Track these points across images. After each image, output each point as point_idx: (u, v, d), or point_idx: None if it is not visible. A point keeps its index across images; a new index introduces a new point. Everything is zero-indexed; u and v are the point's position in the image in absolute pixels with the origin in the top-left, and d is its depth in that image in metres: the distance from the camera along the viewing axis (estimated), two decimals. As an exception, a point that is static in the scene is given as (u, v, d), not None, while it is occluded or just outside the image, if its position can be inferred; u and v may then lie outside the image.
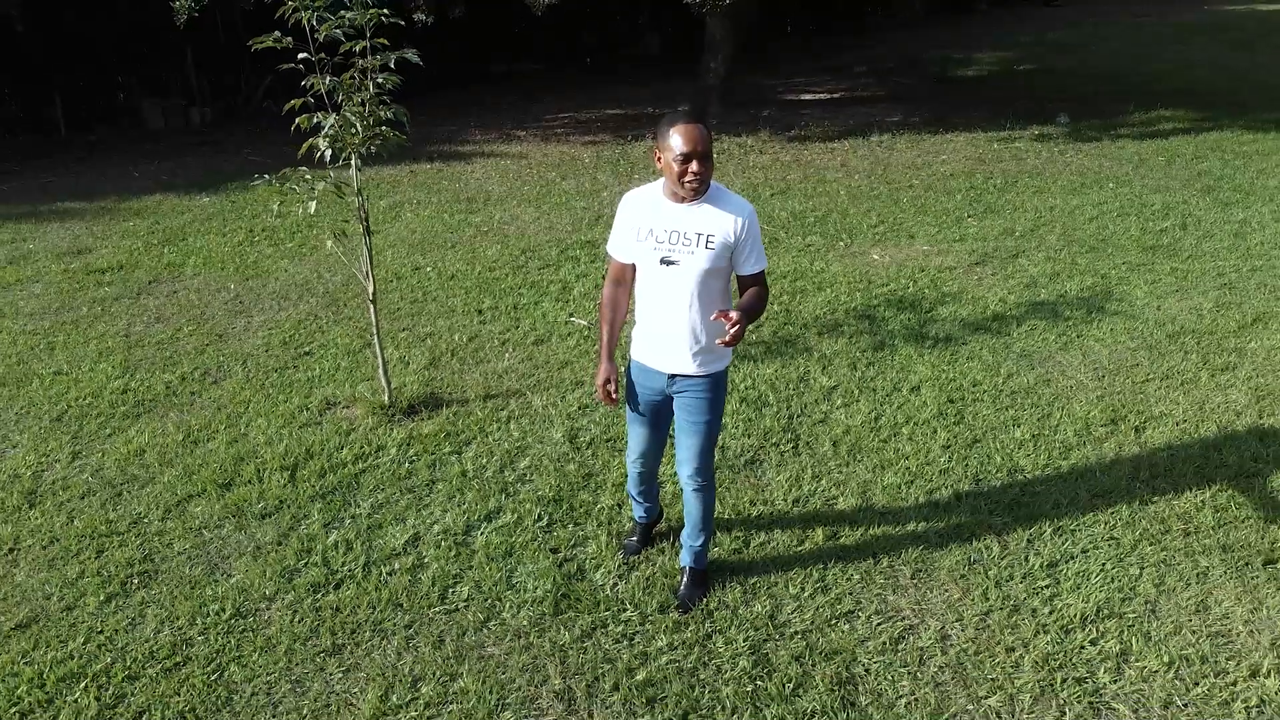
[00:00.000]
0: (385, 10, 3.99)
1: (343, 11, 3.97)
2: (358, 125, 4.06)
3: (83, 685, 2.92)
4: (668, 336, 2.87)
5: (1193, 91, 12.89)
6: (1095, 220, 7.34)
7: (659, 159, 2.75)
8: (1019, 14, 23.61)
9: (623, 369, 3.12)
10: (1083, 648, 2.95)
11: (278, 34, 3.95)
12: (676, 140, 2.65)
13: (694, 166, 2.66)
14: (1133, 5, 23.71)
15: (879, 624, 3.08)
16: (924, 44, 19.33)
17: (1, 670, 2.99)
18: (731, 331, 2.51)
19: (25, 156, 11.37)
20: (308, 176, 4.22)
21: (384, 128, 4.16)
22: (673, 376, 2.93)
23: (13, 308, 6.15)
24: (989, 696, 2.78)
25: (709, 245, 2.75)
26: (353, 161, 4.22)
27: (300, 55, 3.99)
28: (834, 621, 3.10)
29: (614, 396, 3.02)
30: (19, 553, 3.62)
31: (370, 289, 4.50)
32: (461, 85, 13.80)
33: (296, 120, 4.10)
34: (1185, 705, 2.73)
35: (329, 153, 4.12)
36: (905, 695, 2.79)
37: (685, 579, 3.25)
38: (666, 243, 2.77)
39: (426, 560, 3.47)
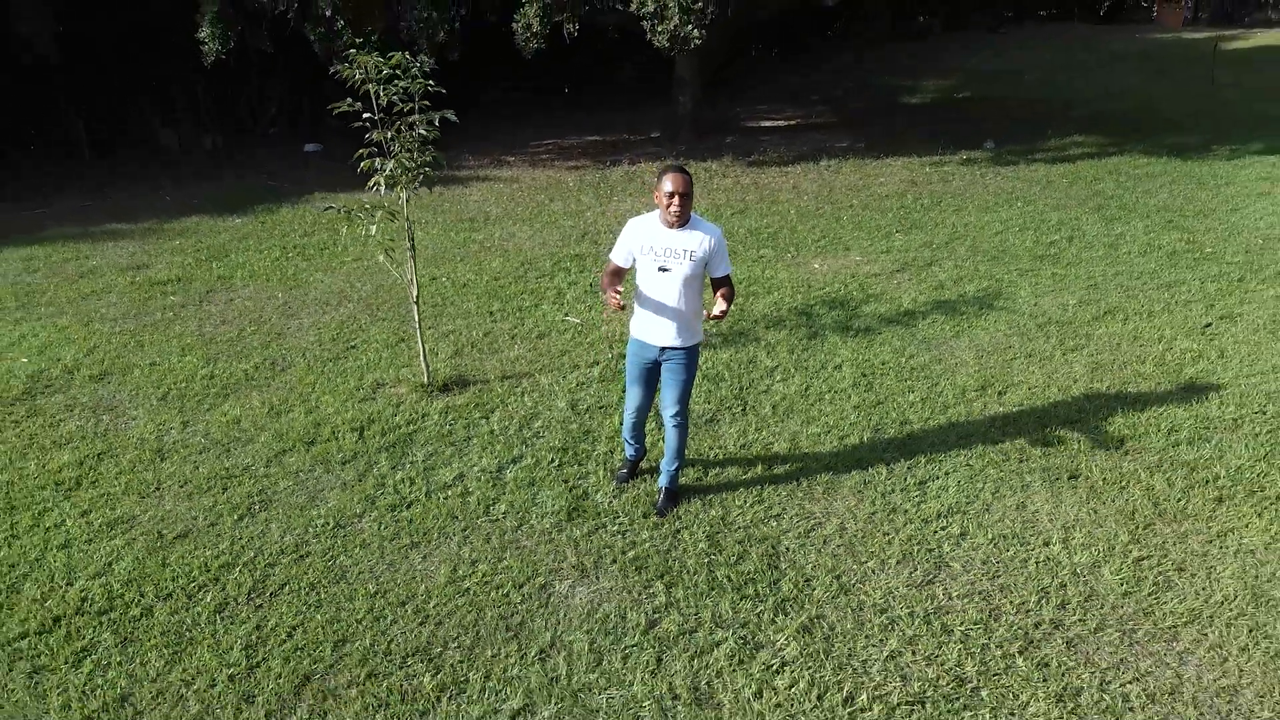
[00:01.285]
0: (430, 81, 5.28)
1: (397, 81, 5.26)
2: (407, 166, 5.34)
3: (237, 569, 4.15)
4: (661, 320, 4.17)
5: (1106, 118, 14.49)
6: (1000, 234, 8.78)
7: (657, 195, 4.05)
8: (967, 41, 25.24)
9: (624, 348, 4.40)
10: (935, 532, 4.29)
11: (350, 100, 5.21)
12: (666, 183, 3.98)
13: (676, 202, 3.98)
14: (1070, 33, 25.49)
15: (797, 521, 4.40)
16: (877, 71, 20.89)
17: (176, 561, 4.21)
18: (719, 313, 3.90)
19: (57, 181, 12.47)
20: (367, 206, 5.49)
21: (426, 168, 5.45)
22: (664, 348, 4.23)
23: (98, 314, 7.33)
24: (868, 561, 4.10)
25: (691, 258, 4.06)
26: (403, 196, 5.49)
27: (365, 115, 5.27)
28: (766, 520, 4.41)
29: (620, 301, 3.98)
30: (162, 490, 4.83)
31: (414, 292, 5.77)
32: (457, 115, 15.04)
33: (361, 165, 5.37)
34: (997, 563, 4.07)
35: (383, 187, 5.39)
36: (811, 562, 4.10)
37: (662, 496, 4.54)
38: (662, 255, 4.07)
39: (471, 489, 4.74)
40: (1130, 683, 3.39)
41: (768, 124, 15.47)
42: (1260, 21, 28.39)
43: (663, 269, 4.08)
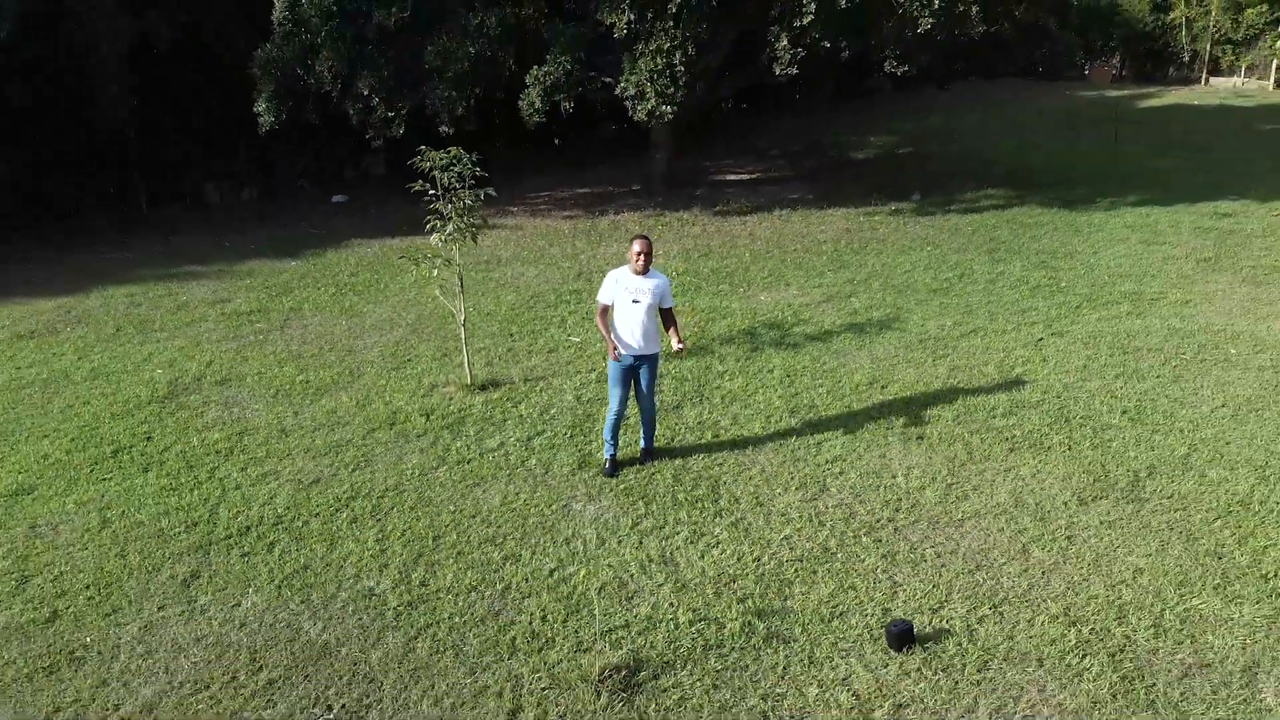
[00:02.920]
0: (478, 168, 7.50)
1: (452, 166, 7.47)
2: (460, 227, 7.53)
3: (359, 500, 6.25)
4: (634, 337, 6.33)
5: (1018, 173, 16.99)
6: (908, 273, 11.08)
7: (629, 254, 6.26)
8: (916, 98, 27.91)
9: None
10: (823, 471, 6.45)
11: (420, 181, 7.41)
12: (636, 246, 6.20)
13: (641, 259, 6.20)
14: (1008, 89, 28.29)
15: (733, 467, 6.55)
16: (830, 128, 23.45)
17: (316, 496, 6.30)
18: (678, 350, 6.10)
19: (122, 231, 14.56)
20: (430, 255, 7.69)
21: (474, 227, 7.65)
22: (637, 357, 6.40)
23: (203, 337, 9.42)
24: (777, 488, 6.25)
25: (652, 294, 6.26)
26: (455, 249, 7.68)
27: (430, 192, 7.47)
28: (712, 467, 6.56)
29: (619, 355, 6.37)
30: (293, 455, 6.91)
31: (461, 317, 7.94)
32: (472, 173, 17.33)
33: (427, 226, 7.56)
34: (860, 488, 6.23)
35: (442, 241, 7.58)
36: (741, 489, 6.25)
37: (642, 453, 6.69)
38: (634, 292, 6.27)
39: (510, 452, 6.86)
40: (928, 548, 5.56)
41: (732, 177, 17.87)
42: (1178, 79, 31.50)
43: (635, 301, 6.28)
